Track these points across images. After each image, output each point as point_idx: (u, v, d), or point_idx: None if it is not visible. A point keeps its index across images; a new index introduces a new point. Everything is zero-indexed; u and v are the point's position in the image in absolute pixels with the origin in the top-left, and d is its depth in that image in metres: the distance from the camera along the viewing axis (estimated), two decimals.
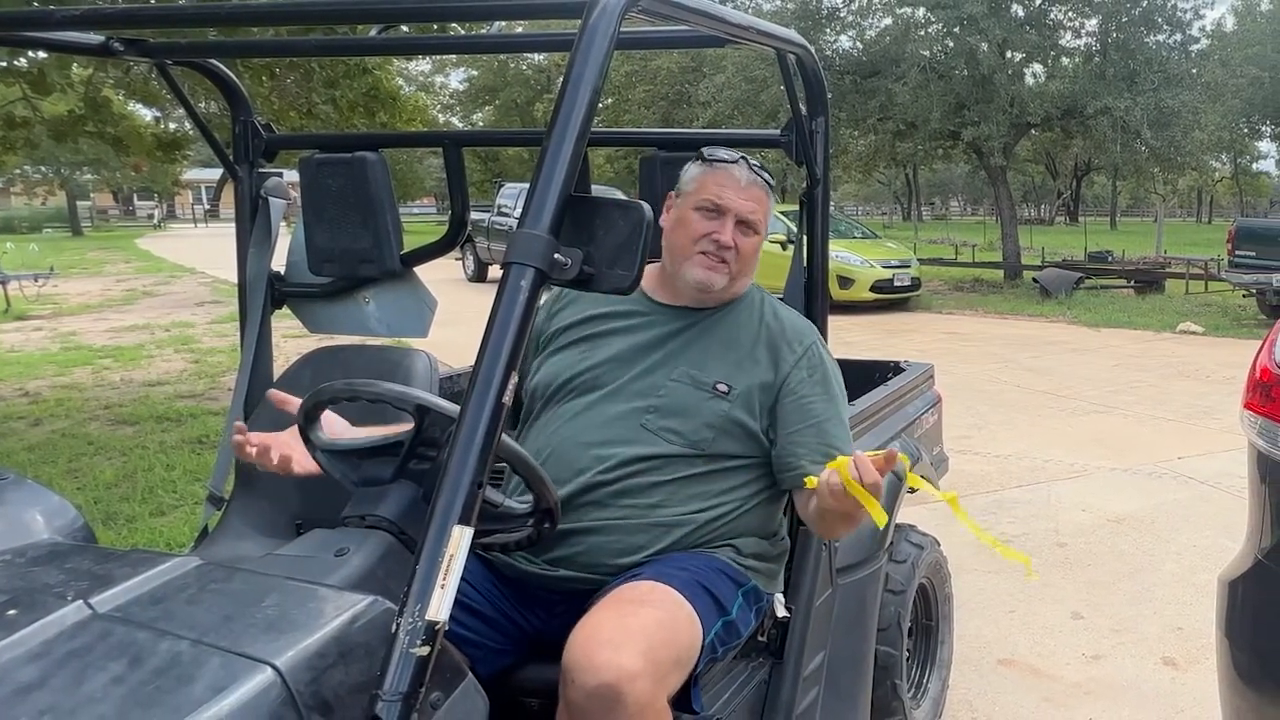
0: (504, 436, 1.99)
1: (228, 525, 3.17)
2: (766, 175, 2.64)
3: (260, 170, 3.45)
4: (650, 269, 2.61)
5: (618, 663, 2.03)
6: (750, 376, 2.60)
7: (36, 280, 19.42)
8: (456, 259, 25.90)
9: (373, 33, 3.24)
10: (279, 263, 3.51)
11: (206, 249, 35.84)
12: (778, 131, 3.12)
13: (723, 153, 2.63)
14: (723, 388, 2.57)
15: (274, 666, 1.42)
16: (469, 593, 2.42)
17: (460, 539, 1.50)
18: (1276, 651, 2.66)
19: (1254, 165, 72.29)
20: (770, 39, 2.50)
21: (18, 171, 46.48)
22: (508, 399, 1.57)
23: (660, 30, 3.09)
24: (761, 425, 2.60)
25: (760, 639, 2.78)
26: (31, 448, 8.37)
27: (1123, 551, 6.07)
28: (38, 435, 8.88)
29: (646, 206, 1.72)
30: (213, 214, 73.07)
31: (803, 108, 2.93)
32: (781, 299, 2.98)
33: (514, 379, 1.58)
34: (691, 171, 2.64)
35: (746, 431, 2.58)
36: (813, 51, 2.78)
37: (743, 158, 2.63)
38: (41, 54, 8.61)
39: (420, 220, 60.17)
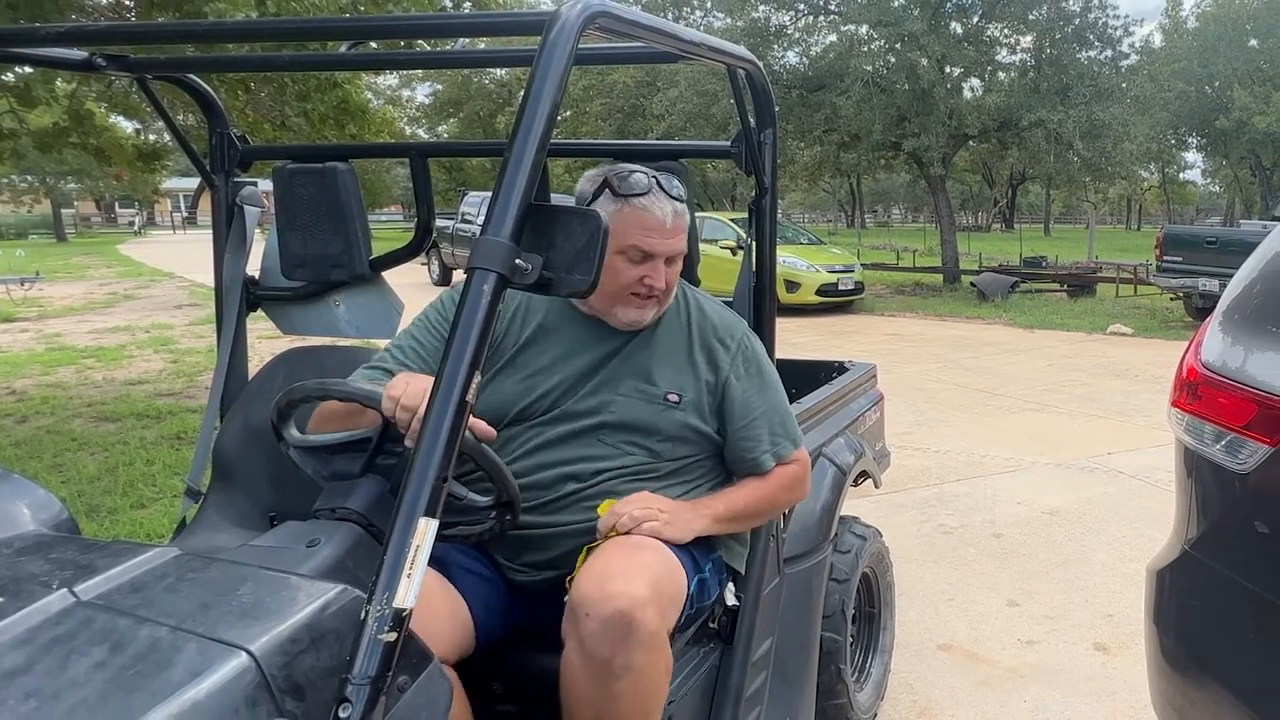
0: (467, 433, 2.00)
1: (204, 518, 3.17)
2: (681, 192, 2.49)
3: (235, 180, 3.47)
4: None
5: (629, 591, 2.09)
6: (696, 380, 2.58)
7: (23, 284, 19.37)
8: (422, 264, 25.88)
9: (343, 48, 3.23)
10: (254, 268, 3.52)
11: (185, 254, 35.65)
12: (728, 143, 3.13)
13: (636, 181, 2.41)
14: (674, 397, 2.55)
15: (249, 651, 1.43)
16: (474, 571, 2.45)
17: (425, 530, 1.51)
18: (1201, 637, 2.68)
19: (1181, 175, 73.24)
20: (721, 55, 2.50)
21: (4, 180, 46.37)
22: (471, 397, 1.57)
23: (617, 47, 3.09)
24: (712, 426, 2.60)
25: (711, 625, 2.79)
26: (18, 443, 8.33)
27: (1056, 542, 6.12)
28: (24, 431, 8.84)
29: (603, 214, 1.72)
30: (191, 221, 72.68)
31: (752, 120, 2.93)
32: (730, 303, 2.98)
33: (478, 377, 1.59)
34: (606, 209, 2.37)
35: (700, 434, 2.58)
36: (761, 67, 2.79)
37: (654, 180, 2.44)
38: (28, 69, 8.58)
39: (388, 227, 60.20)
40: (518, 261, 1.64)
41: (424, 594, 1.73)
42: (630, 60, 3.16)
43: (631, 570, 2.16)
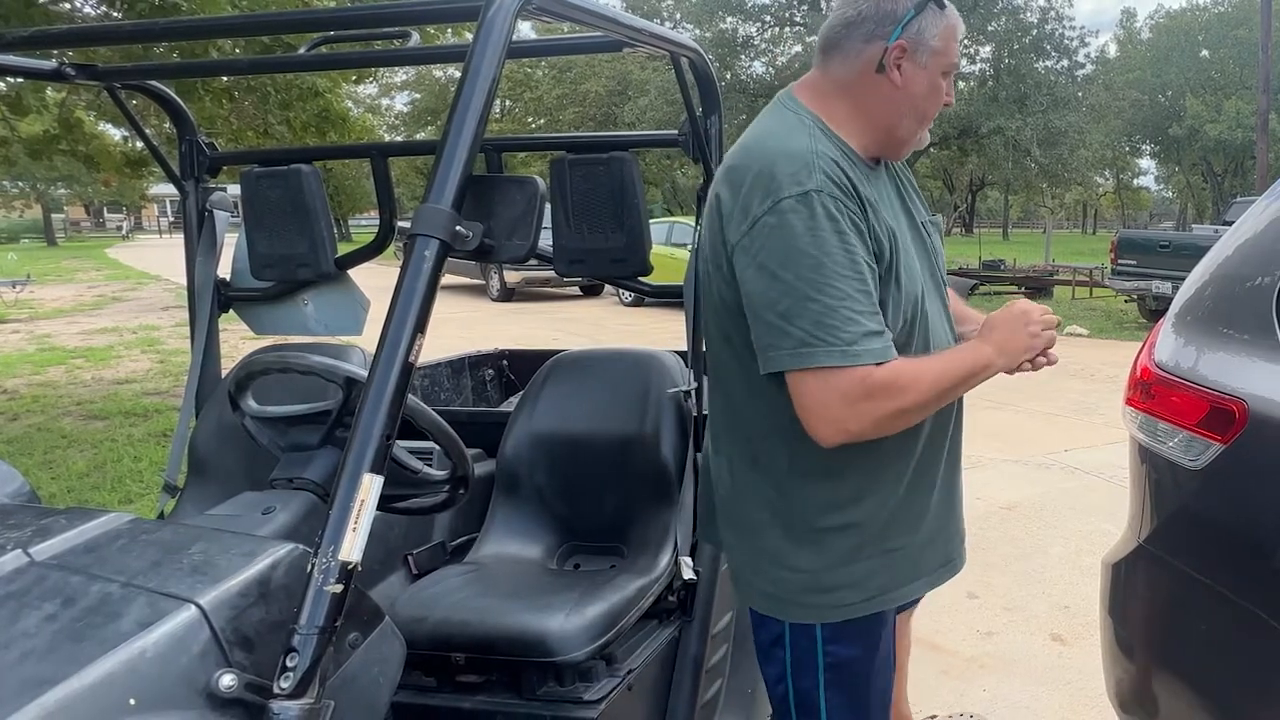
0: (428, 409, 2.01)
1: (181, 512, 3.19)
2: None
3: (205, 185, 3.48)
4: (842, 119, 2.05)
5: None
6: None
7: (14, 287, 19.61)
8: (398, 266, 25.77)
9: (302, 50, 3.23)
10: (225, 270, 3.53)
11: (171, 258, 35.50)
12: (675, 132, 3.13)
13: None
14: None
15: (197, 604, 1.45)
16: None
17: (371, 486, 1.52)
18: (1155, 628, 2.69)
19: (1135, 181, 74.06)
20: (664, 42, 2.50)
21: None
22: (414, 358, 1.60)
23: (561, 38, 3.10)
24: None
25: (670, 598, 2.80)
26: (9, 441, 8.37)
27: (1014, 536, 6.11)
28: (15, 429, 8.89)
29: (540, 180, 1.74)
30: (176, 226, 72.82)
31: (698, 109, 2.94)
32: (681, 289, 2.97)
33: (420, 340, 1.61)
34: (938, 25, 1.98)
35: None
36: (704, 54, 2.78)
37: None
38: (19, 79, 8.65)
39: (370, 231, 60.32)
40: (458, 228, 1.66)
41: None
42: (574, 50, 3.16)
43: None
